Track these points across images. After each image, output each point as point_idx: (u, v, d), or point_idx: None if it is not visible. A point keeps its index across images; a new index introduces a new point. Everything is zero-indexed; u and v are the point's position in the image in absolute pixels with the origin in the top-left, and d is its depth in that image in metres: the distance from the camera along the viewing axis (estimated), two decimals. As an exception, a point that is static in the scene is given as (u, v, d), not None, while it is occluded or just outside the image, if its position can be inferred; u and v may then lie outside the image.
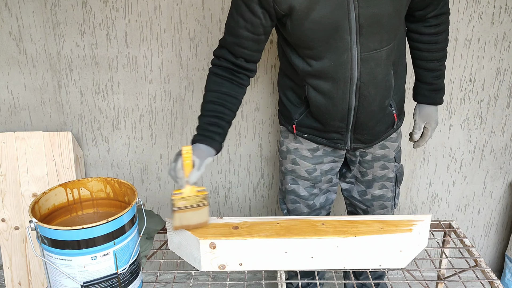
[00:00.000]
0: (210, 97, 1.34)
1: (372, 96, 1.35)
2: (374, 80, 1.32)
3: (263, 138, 2.03)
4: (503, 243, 2.29)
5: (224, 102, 1.33)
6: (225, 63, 1.34)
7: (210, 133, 1.31)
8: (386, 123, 1.47)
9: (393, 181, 1.60)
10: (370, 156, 1.54)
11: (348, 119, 1.39)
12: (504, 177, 2.14)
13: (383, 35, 1.27)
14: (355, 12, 1.21)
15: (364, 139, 1.46)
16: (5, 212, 1.92)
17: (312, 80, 1.34)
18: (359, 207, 1.66)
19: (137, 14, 1.80)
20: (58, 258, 1.04)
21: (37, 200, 1.12)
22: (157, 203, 2.15)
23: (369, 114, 1.38)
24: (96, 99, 1.94)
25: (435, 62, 1.46)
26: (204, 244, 1.23)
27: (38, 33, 1.82)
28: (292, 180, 1.59)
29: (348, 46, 1.26)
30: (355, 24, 1.22)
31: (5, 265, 1.98)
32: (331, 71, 1.30)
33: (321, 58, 1.28)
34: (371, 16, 1.22)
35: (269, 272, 1.41)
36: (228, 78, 1.34)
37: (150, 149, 2.03)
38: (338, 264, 1.26)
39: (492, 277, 1.32)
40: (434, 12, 1.37)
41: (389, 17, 1.25)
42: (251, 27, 1.26)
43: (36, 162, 1.89)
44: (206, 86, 1.37)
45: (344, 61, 1.27)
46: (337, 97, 1.34)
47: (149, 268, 2.11)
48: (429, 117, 1.51)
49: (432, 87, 1.50)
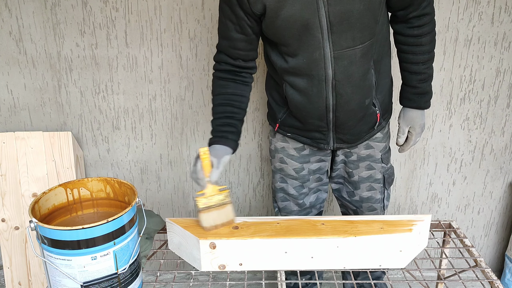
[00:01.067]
0: (218, 100, 1.39)
1: (349, 95, 1.34)
2: (350, 78, 1.32)
3: (263, 138, 2.03)
4: (503, 243, 2.29)
5: (232, 102, 1.38)
6: (225, 66, 1.38)
7: (223, 133, 1.36)
8: (369, 123, 1.46)
9: (381, 183, 1.58)
10: (355, 156, 1.54)
11: (327, 118, 1.39)
12: (504, 177, 2.13)
13: (355, 33, 1.26)
14: (325, 9, 1.21)
15: (346, 139, 1.46)
16: (5, 212, 1.92)
17: (289, 77, 1.36)
18: (350, 208, 1.66)
19: (137, 14, 1.80)
20: (58, 258, 1.04)
21: (37, 200, 1.12)
22: (157, 203, 2.15)
23: (348, 113, 1.38)
24: (96, 99, 1.94)
25: (420, 65, 1.43)
26: (204, 244, 1.23)
27: (38, 33, 1.82)
28: (281, 178, 1.60)
29: (320, 44, 1.26)
30: (325, 22, 1.23)
31: (5, 265, 1.98)
32: (305, 68, 1.31)
33: (296, 55, 1.30)
34: (341, 13, 1.22)
35: (269, 272, 1.41)
36: (231, 79, 1.39)
37: (150, 149, 2.03)
38: (338, 264, 1.26)
39: (492, 277, 1.32)
40: (416, 13, 1.35)
41: (360, 14, 1.24)
42: (239, 28, 1.30)
43: (36, 162, 1.89)
44: (212, 91, 1.41)
45: (316, 58, 1.28)
46: (313, 95, 1.35)
47: (149, 268, 2.11)
48: (413, 121, 1.49)
49: (417, 91, 1.47)
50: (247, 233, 1.25)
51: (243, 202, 2.17)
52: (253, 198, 2.16)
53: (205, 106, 1.96)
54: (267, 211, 2.19)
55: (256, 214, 2.20)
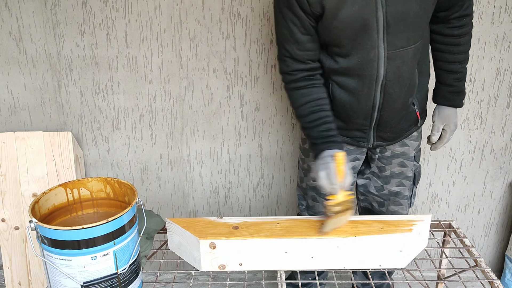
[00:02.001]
0: (308, 109, 1.38)
1: (397, 94, 1.37)
2: (400, 78, 1.34)
3: (263, 138, 2.03)
4: (503, 243, 2.28)
5: (321, 107, 1.37)
6: (299, 74, 1.37)
7: (332, 138, 1.35)
8: (409, 121, 1.49)
9: (411, 180, 1.62)
10: (390, 153, 1.56)
11: (371, 116, 1.41)
12: (504, 177, 2.13)
13: (410, 33, 1.30)
14: (383, 10, 1.23)
15: (386, 137, 1.48)
16: (5, 212, 1.92)
17: (338, 77, 1.37)
18: (376, 201, 1.67)
19: (137, 14, 1.80)
20: (58, 258, 1.04)
21: (37, 200, 1.12)
22: (157, 203, 2.15)
23: (393, 112, 1.41)
24: (96, 99, 1.94)
25: (456, 64, 1.47)
26: (204, 244, 1.23)
27: (38, 33, 1.82)
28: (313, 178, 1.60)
29: (375, 44, 1.28)
30: (382, 23, 1.25)
31: (5, 265, 1.98)
32: (357, 68, 1.32)
33: (348, 55, 1.31)
34: (398, 14, 1.25)
35: (269, 272, 1.41)
36: (310, 84, 1.38)
37: (150, 149, 2.03)
38: (338, 264, 1.26)
39: (492, 277, 1.32)
40: (457, 14, 1.39)
41: (416, 15, 1.27)
42: (304, 30, 1.30)
43: (36, 162, 1.89)
44: (295, 103, 1.41)
45: (371, 58, 1.30)
46: (362, 95, 1.36)
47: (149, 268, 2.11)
48: (448, 119, 1.52)
49: (453, 89, 1.51)
50: (247, 233, 1.25)
51: (243, 202, 2.17)
52: (253, 198, 2.16)
53: (205, 106, 1.96)
54: (267, 211, 2.19)
55: (256, 214, 2.20)
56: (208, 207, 2.17)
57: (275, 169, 2.10)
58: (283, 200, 2.17)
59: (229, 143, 2.03)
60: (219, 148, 2.04)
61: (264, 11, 1.81)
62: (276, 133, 2.02)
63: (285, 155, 2.07)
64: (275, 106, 1.97)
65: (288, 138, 2.03)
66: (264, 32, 1.84)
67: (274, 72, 1.91)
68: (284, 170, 2.10)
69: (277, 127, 2.01)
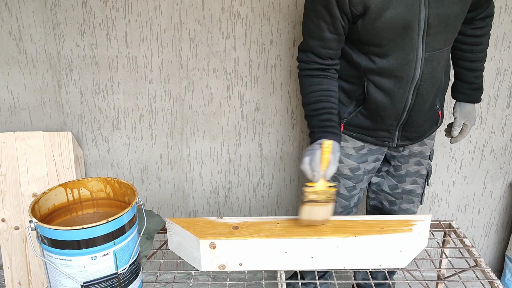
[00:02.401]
0: (314, 97, 1.39)
1: (428, 95, 1.39)
2: (433, 80, 1.36)
3: (263, 138, 2.03)
4: (503, 243, 2.28)
5: (328, 97, 1.39)
6: (315, 65, 1.38)
7: (330, 128, 1.36)
8: (432, 121, 1.52)
9: (424, 178, 1.64)
10: (407, 152, 1.58)
11: (401, 117, 1.43)
12: (504, 177, 2.13)
13: (448, 35, 1.32)
14: (425, 12, 1.24)
15: (411, 137, 1.50)
16: (5, 212, 1.92)
17: (374, 76, 1.37)
18: (387, 199, 1.69)
19: (137, 14, 1.80)
20: (58, 258, 1.04)
21: (37, 200, 1.12)
22: (157, 203, 2.15)
23: (421, 112, 1.43)
24: (96, 99, 1.94)
25: (477, 63, 1.51)
26: (204, 244, 1.23)
27: (38, 33, 1.82)
28: (333, 177, 1.61)
29: (415, 46, 1.29)
30: (424, 24, 1.26)
31: (5, 265, 1.98)
32: (395, 69, 1.33)
33: (387, 56, 1.32)
34: (440, 16, 1.26)
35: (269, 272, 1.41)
36: (323, 75, 1.39)
37: (150, 149, 2.03)
38: (338, 264, 1.26)
39: (492, 277, 1.32)
40: (482, 15, 1.42)
41: (456, 17, 1.29)
42: (333, 29, 1.30)
43: (36, 162, 1.89)
44: (303, 90, 1.42)
45: (409, 60, 1.31)
46: (397, 96, 1.37)
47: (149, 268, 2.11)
48: (469, 114, 1.57)
49: (473, 86, 1.55)
50: (247, 233, 1.25)
51: (243, 202, 2.17)
52: (253, 198, 2.16)
53: (205, 106, 1.96)
54: (267, 211, 2.19)
55: (256, 214, 2.20)
56: (208, 207, 2.17)
57: (275, 169, 2.10)
58: (283, 200, 2.17)
59: (229, 143, 2.03)
60: (219, 148, 2.04)
61: (264, 11, 1.81)
62: (276, 133, 2.02)
63: (285, 155, 2.07)
64: (275, 106, 1.97)
65: (288, 138, 2.03)
66: (264, 32, 1.84)
67: (274, 72, 1.91)
68: (284, 170, 2.10)
69: (277, 127, 2.01)
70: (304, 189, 1.26)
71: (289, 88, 1.94)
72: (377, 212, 1.75)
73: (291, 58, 1.88)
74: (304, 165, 1.28)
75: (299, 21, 1.82)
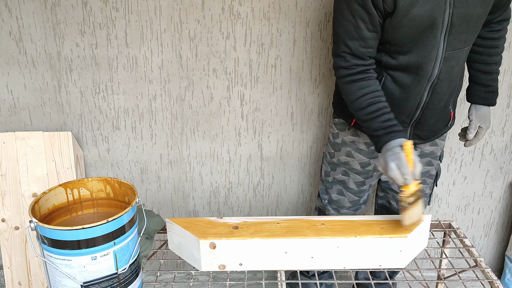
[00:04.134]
0: (366, 101, 1.36)
1: (443, 94, 1.40)
2: (450, 79, 1.37)
3: (263, 138, 2.03)
4: (503, 243, 2.28)
5: (379, 98, 1.37)
6: (357, 68, 1.37)
7: (395, 127, 1.34)
8: (444, 121, 1.52)
9: (433, 178, 1.65)
10: (419, 151, 1.58)
11: (414, 114, 1.43)
12: (504, 177, 2.13)
13: (469, 35, 1.33)
14: (449, 11, 1.25)
15: (422, 135, 1.51)
16: (5, 212, 1.92)
17: (394, 71, 1.38)
18: (396, 199, 1.69)
19: (137, 14, 1.80)
20: (58, 258, 1.04)
21: (37, 200, 1.12)
22: (157, 203, 2.15)
23: (434, 111, 1.44)
24: (96, 99, 1.94)
25: (493, 66, 1.51)
26: (204, 244, 1.23)
27: (38, 33, 1.82)
28: (344, 172, 1.62)
29: (437, 44, 1.30)
30: (447, 23, 1.27)
31: (5, 265, 1.98)
32: (415, 66, 1.34)
33: (409, 53, 1.33)
34: (463, 15, 1.27)
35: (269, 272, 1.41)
36: (368, 77, 1.38)
37: (150, 149, 2.03)
38: (338, 264, 1.26)
39: (492, 277, 1.32)
40: (499, 18, 1.43)
41: (478, 18, 1.30)
42: (371, 27, 1.30)
43: (36, 162, 1.89)
44: (352, 95, 1.38)
45: (431, 58, 1.32)
46: (413, 92, 1.38)
47: (149, 268, 2.11)
48: (485, 117, 1.56)
49: (489, 89, 1.55)
50: (247, 233, 1.25)
51: (243, 202, 2.17)
52: (253, 198, 2.16)
53: (205, 106, 1.96)
54: (267, 211, 2.19)
55: (256, 214, 2.20)
56: (208, 207, 2.17)
57: (275, 169, 2.10)
58: (283, 200, 2.17)
59: (229, 143, 2.03)
60: (219, 148, 2.04)
61: (264, 11, 1.81)
62: (276, 133, 2.02)
63: (285, 155, 2.07)
64: (275, 106, 1.97)
65: (288, 138, 2.03)
66: (264, 32, 1.84)
67: (274, 72, 1.91)
68: (284, 170, 2.10)
69: (277, 127, 2.01)
70: (401, 195, 1.23)
71: (289, 88, 1.94)
72: (385, 211, 1.75)
73: (291, 58, 1.88)
74: (393, 172, 1.23)
75: (299, 21, 1.82)
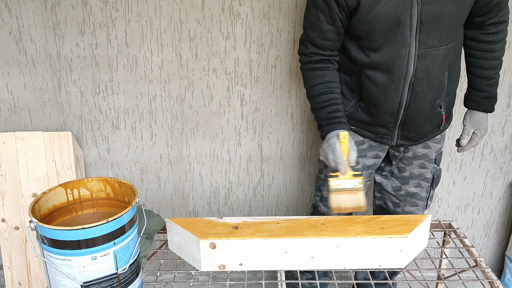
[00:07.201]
0: (319, 90, 1.43)
1: (425, 94, 1.39)
2: (429, 78, 1.36)
3: (263, 138, 2.03)
4: (503, 243, 2.28)
5: (332, 89, 1.42)
6: (316, 56, 1.42)
7: (338, 119, 1.40)
8: (434, 123, 1.50)
9: (429, 182, 1.63)
10: (411, 154, 1.58)
11: (397, 114, 1.43)
12: (504, 177, 2.13)
13: (443, 33, 1.31)
14: (417, 8, 1.26)
15: (410, 136, 1.50)
16: (5, 212, 1.92)
17: (369, 71, 1.39)
18: (391, 200, 1.69)
19: (137, 14, 1.80)
20: (58, 258, 1.04)
21: (37, 200, 1.12)
22: (157, 203, 2.15)
23: (419, 112, 1.42)
24: (96, 99, 1.94)
25: (490, 70, 1.48)
26: (204, 244, 1.23)
27: (38, 33, 1.82)
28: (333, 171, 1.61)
29: (407, 41, 1.30)
30: (416, 20, 1.27)
31: (5, 265, 1.98)
32: (387, 63, 1.35)
33: (380, 50, 1.34)
34: (433, 13, 1.26)
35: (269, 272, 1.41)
36: (325, 67, 1.43)
37: (150, 149, 2.03)
38: (338, 264, 1.26)
39: (492, 277, 1.32)
40: (493, 20, 1.40)
41: (451, 16, 1.29)
42: (330, 20, 1.34)
43: (36, 162, 1.89)
44: (308, 83, 1.46)
45: (401, 55, 1.32)
46: (390, 90, 1.39)
47: (149, 268, 2.11)
48: (479, 123, 1.54)
49: (485, 95, 1.52)
50: (247, 233, 1.25)
51: (243, 202, 2.17)
52: (253, 198, 2.16)
53: (205, 106, 1.96)
54: (267, 211, 2.19)
55: (256, 214, 2.20)
56: (208, 207, 2.17)
57: (275, 169, 2.10)
58: (283, 200, 2.17)
59: (229, 143, 2.03)
60: (219, 148, 2.04)
61: (264, 11, 1.81)
62: (276, 133, 2.02)
63: (285, 155, 2.07)
64: (275, 106, 1.97)
65: (288, 138, 2.03)
66: (264, 32, 1.84)
67: (274, 72, 1.91)
68: (284, 170, 2.10)
69: (277, 127, 2.01)
70: (329, 179, 1.32)
71: (289, 88, 1.94)
72: (382, 212, 1.76)
73: (291, 58, 1.88)
74: (330, 162, 1.34)
75: (299, 21, 1.82)
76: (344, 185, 1.31)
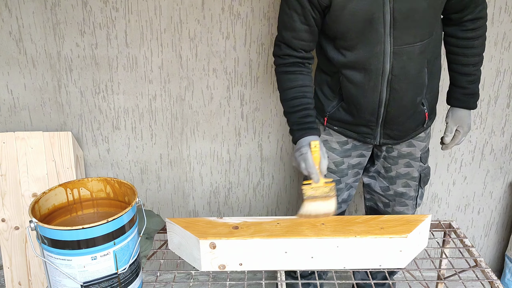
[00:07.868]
0: (291, 94, 1.42)
1: (403, 91, 1.38)
2: (407, 75, 1.36)
3: (263, 138, 2.03)
4: (503, 243, 2.28)
5: (304, 93, 1.42)
6: (289, 59, 1.41)
7: (309, 125, 1.40)
8: (416, 121, 1.50)
9: (416, 181, 1.62)
10: (396, 153, 1.57)
11: (378, 113, 1.43)
12: (504, 177, 2.13)
13: (417, 30, 1.31)
14: (390, 5, 1.26)
15: (393, 135, 1.50)
16: (5, 212, 1.92)
17: (346, 70, 1.39)
18: (381, 201, 1.69)
19: (137, 14, 1.80)
20: (58, 258, 1.04)
21: (37, 200, 1.12)
22: (157, 203, 2.15)
23: (400, 109, 1.42)
24: (96, 99, 1.94)
25: (470, 67, 1.48)
26: (204, 244, 1.23)
27: (38, 33, 1.82)
28: None
29: (382, 39, 1.30)
30: (389, 18, 1.27)
31: (5, 265, 1.98)
32: (364, 62, 1.34)
33: (355, 49, 1.34)
34: (406, 10, 1.26)
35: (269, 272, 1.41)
36: (299, 71, 1.42)
37: (150, 149, 2.03)
38: (338, 264, 1.26)
39: (492, 277, 1.32)
40: (470, 16, 1.40)
41: (424, 12, 1.29)
42: (304, 19, 1.34)
43: (36, 162, 1.89)
44: (281, 86, 1.45)
45: (377, 53, 1.32)
46: (368, 89, 1.38)
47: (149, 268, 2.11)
48: (462, 120, 1.53)
49: (466, 91, 1.52)
50: (247, 233, 1.25)
51: (243, 202, 2.17)
52: (253, 198, 2.16)
53: (205, 106, 1.96)
54: (267, 211, 2.19)
55: (256, 214, 2.20)
56: (208, 207, 2.17)
57: (275, 169, 2.10)
58: (283, 200, 2.17)
59: (229, 143, 2.03)
60: (219, 148, 2.04)
61: (264, 11, 1.81)
62: (276, 133, 2.02)
63: (285, 155, 2.07)
64: (275, 106, 1.97)
65: (288, 138, 2.03)
66: (264, 32, 1.84)
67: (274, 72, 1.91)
68: (284, 170, 2.10)
69: (277, 127, 2.01)
70: (302, 187, 1.33)
71: (289, 88, 1.94)
72: (374, 213, 1.75)
73: (291, 58, 1.88)
74: (302, 171, 1.34)
75: (299, 21, 1.82)
76: (317, 193, 1.33)
